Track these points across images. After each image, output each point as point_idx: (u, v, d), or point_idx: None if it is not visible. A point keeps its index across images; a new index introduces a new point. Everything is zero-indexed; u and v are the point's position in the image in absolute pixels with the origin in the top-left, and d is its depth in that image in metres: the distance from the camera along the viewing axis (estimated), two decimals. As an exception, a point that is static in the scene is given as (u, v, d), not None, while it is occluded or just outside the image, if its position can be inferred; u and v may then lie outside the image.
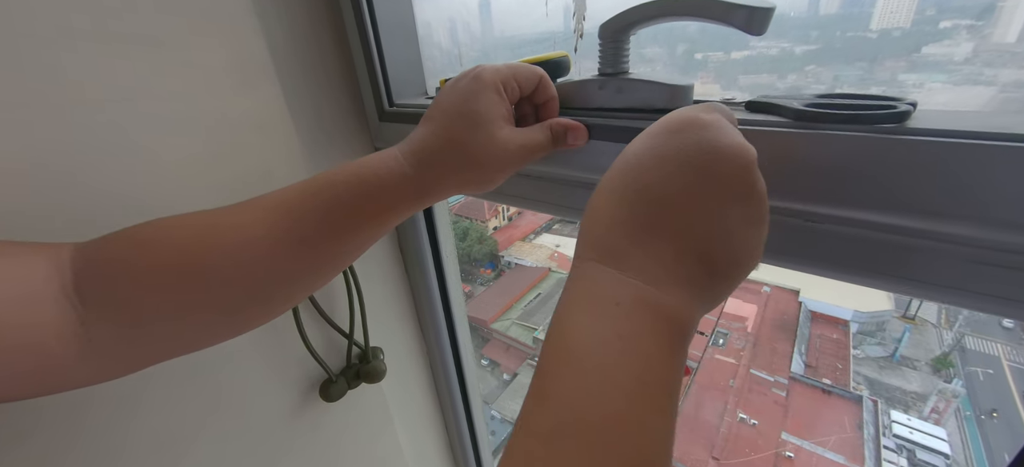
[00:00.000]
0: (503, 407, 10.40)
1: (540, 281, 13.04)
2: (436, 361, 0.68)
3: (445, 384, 0.69)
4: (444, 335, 0.64)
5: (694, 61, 0.41)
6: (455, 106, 0.27)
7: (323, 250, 0.26)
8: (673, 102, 0.27)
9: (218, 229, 0.25)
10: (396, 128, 0.45)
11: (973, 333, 10.91)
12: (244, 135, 0.39)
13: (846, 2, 1.29)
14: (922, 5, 3.16)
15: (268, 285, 0.26)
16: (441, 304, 0.62)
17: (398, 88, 0.44)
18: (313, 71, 0.44)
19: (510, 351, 11.57)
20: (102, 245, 0.24)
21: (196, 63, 0.35)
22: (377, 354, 0.53)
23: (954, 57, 2.35)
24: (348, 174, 0.26)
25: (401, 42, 0.43)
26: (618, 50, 0.28)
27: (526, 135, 0.28)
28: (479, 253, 14.40)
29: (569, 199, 0.35)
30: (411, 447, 0.68)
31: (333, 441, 0.53)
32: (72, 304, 0.22)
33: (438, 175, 0.27)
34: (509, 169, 0.28)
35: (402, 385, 0.66)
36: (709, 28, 0.24)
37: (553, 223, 15.95)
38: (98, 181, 0.31)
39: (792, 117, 0.23)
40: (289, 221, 0.25)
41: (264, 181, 0.40)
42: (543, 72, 0.30)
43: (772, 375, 10.37)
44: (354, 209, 0.26)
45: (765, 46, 0.93)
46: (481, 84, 0.27)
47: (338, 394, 0.49)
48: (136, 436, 0.37)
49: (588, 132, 0.30)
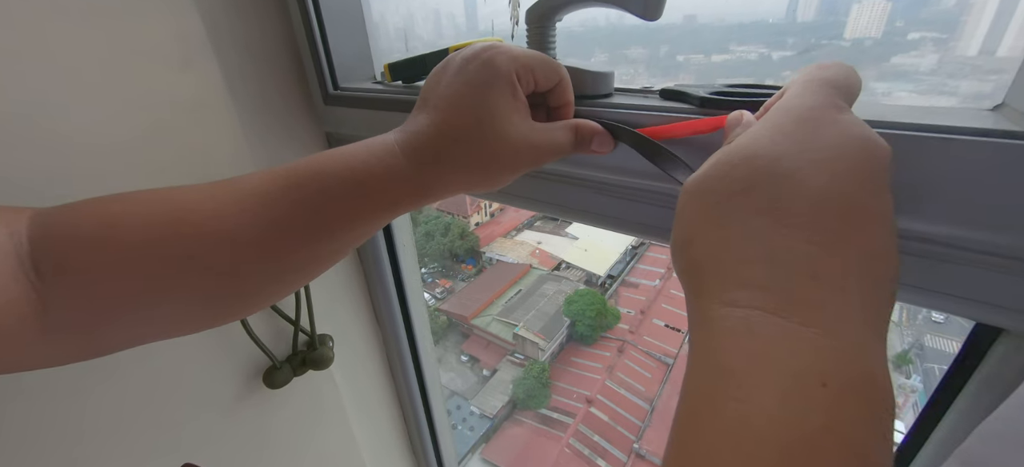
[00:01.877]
0: (483, 403, 10.42)
1: (521, 277, 13.09)
2: (392, 352, 0.67)
3: (402, 375, 0.69)
4: (399, 324, 0.64)
5: (676, 62, 0.41)
6: (461, 95, 0.23)
7: (308, 247, 0.23)
8: (597, 88, 0.28)
9: (195, 215, 0.22)
10: (342, 112, 0.44)
11: (932, 332, 11.47)
12: (179, 114, 0.37)
13: (822, 10, 1.33)
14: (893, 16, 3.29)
15: (247, 280, 0.24)
16: (396, 292, 0.61)
17: (343, 71, 0.44)
18: (254, 51, 0.43)
19: (490, 347, 11.59)
20: (65, 217, 0.21)
21: (128, 35, 0.34)
22: (325, 341, 0.52)
23: (920, 67, 2.46)
24: (338, 165, 0.23)
25: (346, 22, 0.43)
26: (544, 35, 0.29)
27: (545, 134, 0.24)
28: (460, 249, 14.35)
29: (561, 197, 0.34)
30: (366, 437, 0.67)
31: (279, 429, 0.53)
32: (30, 280, 0.20)
33: (439, 174, 0.23)
34: (522, 170, 0.25)
35: (356, 375, 0.65)
36: (691, 31, 0.24)
37: (535, 219, 16.01)
38: (13, 156, 0.30)
39: (697, 104, 0.24)
40: (270, 213, 0.22)
41: (202, 161, 0.39)
42: (565, 72, 0.26)
43: (744, 371, 10.67)
44: (345, 206, 0.23)
45: (744, 51, 0.96)
46: (494, 71, 0.23)
47: (282, 381, 0.49)
48: (65, 418, 0.35)
49: (614, 145, 0.26)
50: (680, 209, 0.18)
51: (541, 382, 10.52)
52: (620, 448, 9.78)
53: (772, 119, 0.17)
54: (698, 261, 0.16)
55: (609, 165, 0.28)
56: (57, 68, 0.31)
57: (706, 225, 0.16)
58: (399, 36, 0.55)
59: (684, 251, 0.17)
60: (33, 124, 0.30)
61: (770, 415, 0.12)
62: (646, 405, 10.27)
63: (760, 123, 0.17)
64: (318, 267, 0.25)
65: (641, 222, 0.31)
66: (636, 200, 0.30)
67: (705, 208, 0.16)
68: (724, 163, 0.16)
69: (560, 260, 13.92)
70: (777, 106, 0.17)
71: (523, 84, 0.24)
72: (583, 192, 0.33)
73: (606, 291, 12.86)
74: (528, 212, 8.17)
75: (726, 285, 0.15)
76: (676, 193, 0.28)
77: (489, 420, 10.17)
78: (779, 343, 0.13)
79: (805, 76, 0.18)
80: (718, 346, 0.14)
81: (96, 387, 0.37)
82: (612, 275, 13.51)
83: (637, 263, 14.22)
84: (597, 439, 9.93)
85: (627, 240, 14.64)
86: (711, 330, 0.14)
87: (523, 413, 10.49)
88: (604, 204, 0.32)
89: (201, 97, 0.39)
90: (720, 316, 0.14)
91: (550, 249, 14.37)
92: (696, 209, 0.17)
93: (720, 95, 0.23)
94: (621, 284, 13.36)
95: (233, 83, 0.41)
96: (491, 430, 10.14)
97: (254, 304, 0.26)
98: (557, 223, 15.68)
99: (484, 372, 11.22)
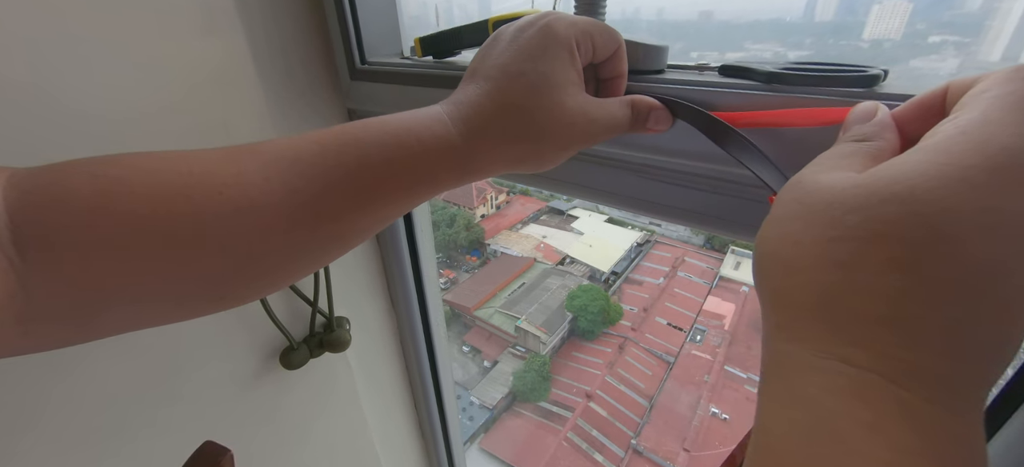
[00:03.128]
0: (483, 393, 10.48)
1: (525, 271, 13.09)
2: (406, 337, 0.66)
3: (415, 360, 0.68)
4: (415, 310, 0.63)
5: (689, 59, 0.39)
6: (517, 63, 0.22)
7: (342, 223, 0.21)
8: (648, 63, 0.27)
9: (211, 181, 0.19)
10: (369, 87, 0.43)
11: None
12: (202, 83, 0.36)
13: (842, 10, 1.29)
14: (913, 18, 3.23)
15: (267, 259, 0.20)
16: (413, 278, 0.60)
17: (371, 45, 0.42)
18: (281, 22, 0.42)
19: (492, 339, 11.63)
20: (52, 181, 0.17)
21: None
22: (342, 323, 0.51)
23: (941, 71, 2.44)
24: (382, 132, 0.21)
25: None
26: (594, 6, 0.27)
27: (603, 108, 0.23)
28: (465, 240, 14.37)
29: (585, 178, 0.32)
30: (377, 420, 0.67)
31: (295, 410, 0.52)
32: (7, 256, 0.16)
33: (490, 147, 0.22)
34: (576, 147, 0.23)
35: (370, 359, 0.64)
36: (707, 28, 0.22)
37: (540, 213, 15.98)
38: (24, 122, 0.29)
39: (763, 80, 0.22)
40: (302, 183, 0.20)
41: (222, 134, 0.38)
42: (622, 39, 0.24)
43: (746, 372, 10.65)
44: (388, 176, 0.21)
45: (759, 49, 0.94)
46: (552, 38, 0.22)
47: (299, 362, 0.48)
48: (87, 390, 0.35)
49: (672, 121, 0.25)
50: (782, 220, 0.15)
51: (541, 375, 10.56)
52: (618, 444, 9.82)
53: (949, 150, 0.12)
54: (801, 298, 0.13)
55: (660, 147, 0.27)
56: (71, 27, 0.29)
57: (820, 258, 0.13)
58: (427, 12, 0.53)
59: (783, 276, 0.14)
60: (46, 89, 0.29)
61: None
62: (645, 402, 10.28)
63: (929, 150, 0.13)
64: (344, 246, 0.23)
65: (689, 209, 0.29)
66: (685, 185, 0.29)
67: (824, 239, 0.13)
68: (870, 193, 0.13)
69: (565, 255, 13.90)
70: (959, 128, 0.13)
71: (582, 52, 0.23)
72: (620, 174, 0.31)
73: (610, 287, 12.85)
74: (534, 206, 8.18)
75: (838, 337, 0.12)
76: (728, 178, 0.27)
77: (488, 411, 10.24)
78: (895, 419, 0.11)
79: (1014, 89, 0.13)
80: (824, 403, 0.12)
81: (118, 359, 0.36)
82: (616, 272, 13.48)
83: (642, 260, 14.18)
84: (595, 434, 9.97)
85: (632, 237, 14.60)
86: (811, 380, 0.13)
87: (522, 405, 10.55)
88: (646, 188, 0.31)
89: (225, 66, 0.37)
90: (827, 369, 0.12)
91: (555, 243, 14.35)
92: (811, 234, 0.13)
93: (794, 70, 0.21)
94: (625, 281, 13.34)
95: (257, 53, 0.39)
96: (490, 421, 10.21)
97: (270, 285, 0.23)
98: (563, 217, 15.65)
99: (485, 363, 11.28)
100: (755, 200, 0.27)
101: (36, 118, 0.29)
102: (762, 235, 0.15)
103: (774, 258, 0.15)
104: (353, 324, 0.53)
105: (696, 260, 14.12)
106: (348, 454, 0.61)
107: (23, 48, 0.28)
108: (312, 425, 0.55)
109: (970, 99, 0.14)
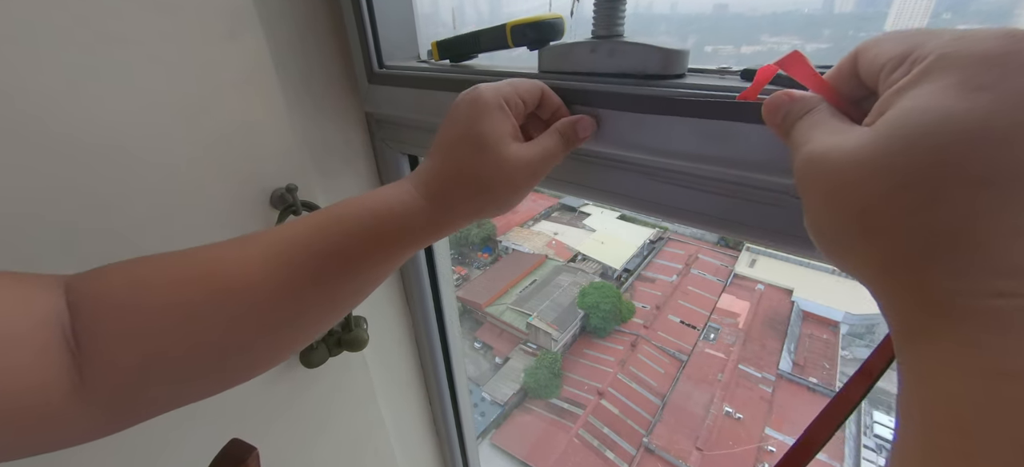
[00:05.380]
0: (494, 390, 10.54)
1: (536, 268, 13.09)
2: (421, 336, 0.67)
3: (430, 359, 0.69)
4: (430, 309, 0.63)
5: (704, 53, 0.39)
6: (458, 134, 0.26)
7: (336, 288, 0.25)
8: (667, 67, 0.26)
9: (222, 265, 0.23)
10: (387, 91, 0.43)
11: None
12: (225, 86, 0.37)
13: (861, 1, 1.25)
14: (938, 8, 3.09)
15: (277, 326, 0.24)
16: (428, 278, 0.61)
17: (389, 49, 0.43)
18: (300, 26, 0.42)
19: (503, 335, 11.67)
20: (94, 284, 0.22)
21: (174, 2, 0.33)
22: (360, 323, 0.52)
23: None
24: (359, 208, 0.25)
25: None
26: (613, 11, 0.27)
27: (536, 147, 0.27)
28: (476, 237, 14.41)
29: (599, 180, 0.33)
30: (394, 419, 0.68)
31: (314, 407, 0.53)
32: (71, 351, 0.20)
33: (453, 203, 0.26)
34: (524, 187, 0.27)
35: (386, 358, 0.65)
36: (721, 21, 0.22)
37: (552, 210, 15.93)
38: (60, 127, 0.30)
39: (783, 83, 0.22)
40: (300, 260, 0.23)
41: (245, 136, 0.39)
42: (543, 85, 0.29)
43: (760, 371, 10.51)
44: (368, 244, 0.24)
45: (776, 42, 0.92)
46: (481, 105, 0.26)
47: (319, 360, 0.49)
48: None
49: (595, 121, 0.28)
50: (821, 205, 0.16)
51: (553, 372, 10.57)
52: (630, 441, 9.78)
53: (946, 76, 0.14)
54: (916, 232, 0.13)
55: (665, 149, 0.27)
56: (96, 32, 0.30)
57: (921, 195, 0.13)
58: (437, 10, 0.53)
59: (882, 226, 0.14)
60: (72, 95, 0.30)
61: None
62: (658, 400, 10.21)
63: (932, 84, 0.14)
64: (340, 309, 0.26)
65: (700, 212, 0.29)
66: (698, 189, 0.29)
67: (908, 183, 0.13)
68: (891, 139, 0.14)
69: (576, 252, 13.85)
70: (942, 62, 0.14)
71: (512, 108, 0.27)
72: (633, 177, 0.31)
73: (622, 285, 12.77)
74: (545, 202, 8.15)
75: (991, 269, 0.12)
76: (739, 181, 0.27)
77: (500, 407, 10.29)
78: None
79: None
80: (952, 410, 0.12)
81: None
82: (628, 269, 13.38)
83: (654, 257, 14.05)
84: (607, 431, 9.95)
85: (645, 234, 14.47)
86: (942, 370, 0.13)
87: (533, 402, 10.57)
88: (658, 191, 0.31)
89: (247, 70, 0.38)
90: (996, 308, 0.12)
91: (566, 240, 14.30)
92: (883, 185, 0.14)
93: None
94: (637, 278, 13.24)
95: (277, 58, 0.40)
96: (501, 417, 10.26)
97: (288, 346, 0.26)
98: (574, 214, 15.59)
99: (496, 359, 11.33)
100: (766, 203, 0.26)
101: (73, 119, 0.30)
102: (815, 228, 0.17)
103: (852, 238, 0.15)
104: (370, 324, 0.54)
105: (710, 257, 13.94)
106: (366, 450, 0.62)
107: (58, 53, 0.29)
108: (331, 421, 0.56)
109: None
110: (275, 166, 0.41)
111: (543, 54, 0.31)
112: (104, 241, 0.33)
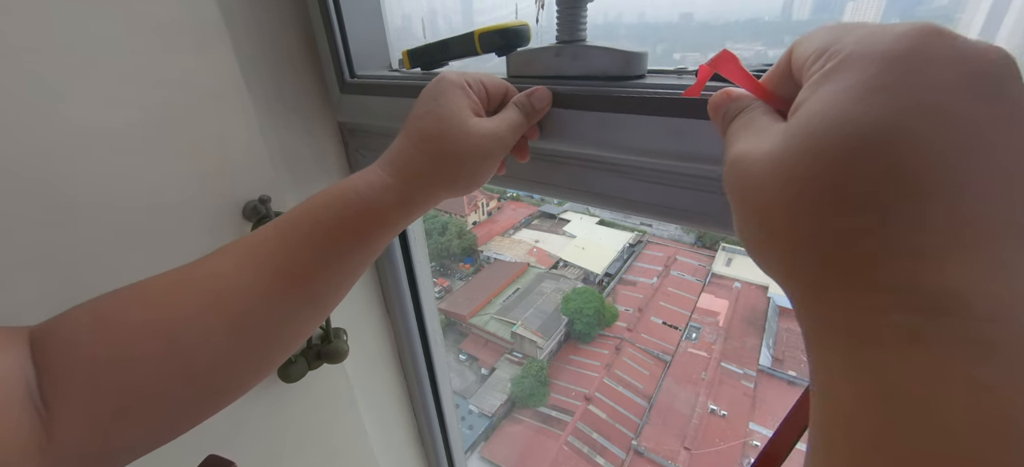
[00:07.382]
0: (482, 401, 10.42)
1: (519, 276, 13.09)
2: (403, 346, 0.67)
3: (413, 370, 0.69)
4: (411, 317, 0.63)
5: (672, 60, 0.41)
6: (423, 111, 0.27)
7: (312, 283, 0.24)
8: (627, 68, 0.28)
9: (195, 283, 0.22)
10: (359, 100, 0.44)
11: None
12: (194, 99, 0.37)
13: (817, 8, 1.33)
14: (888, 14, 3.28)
15: (258, 334, 0.23)
16: (408, 287, 0.61)
17: (360, 59, 0.43)
18: (270, 37, 0.43)
19: (488, 346, 11.58)
20: (63, 328, 0.20)
21: (141, 13, 0.33)
22: (339, 334, 0.52)
23: None
24: (328, 197, 0.25)
25: (363, 9, 0.42)
26: (576, 17, 0.28)
27: (497, 118, 0.28)
28: (458, 248, 14.33)
29: (570, 179, 0.35)
30: (378, 431, 0.67)
31: (293, 421, 0.52)
32: (37, 410, 0.19)
33: (420, 179, 0.26)
34: (490, 158, 0.27)
35: (367, 369, 0.65)
36: (686, 31, 0.23)
37: (532, 218, 16.01)
38: (17, 138, 0.29)
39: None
40: (273, 260, 0.23)
41: (217, 148, 0.38)
42: (509, 84, 0.30)
43: (742, 368, 10.74)
44: (339, 232, 0.24)
45: (741, 49, 0.96)
46: (446, 82, 0.27)
47: (298, 374, 0.48)
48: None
49: (550, 93, 0.30)
50: (760, 193, 0.15)
51: (540, 380, 10.53)
52: (619, 445, 9.81)
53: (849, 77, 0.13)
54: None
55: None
56: (63, 42, 0.30)
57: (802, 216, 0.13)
58: (409, 23, 0.54)
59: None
60: (38, 105, 0.29)
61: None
62: (644, 403, 10.30)
63: (833, 86, 0.14)
64: (321, 305, 0.26)
65: (672, 206, 0.30)
66: (667, 184, 0.30)
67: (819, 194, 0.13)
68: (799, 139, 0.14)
69: (558, 258, 13.93)
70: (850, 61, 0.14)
71: (475, 90, 0.28)
72: (607, 176, 0.33)
73: (604, 289, 12.88)
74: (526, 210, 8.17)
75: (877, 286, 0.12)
76: (706, 175, 0.28)
77: (488, 419, 10.17)
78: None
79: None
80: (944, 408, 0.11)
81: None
82: (610, 273, 13.53)
83: (634, 261, 14.26)
84: (596, 437, 9.95)
85: (624, 238, 14.68)
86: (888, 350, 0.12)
87: (522, 411, 10.50)
88: (628, 188, 0.32)
89: (216, 82, 0.38)
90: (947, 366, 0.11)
91: (548, 247, 14.38)
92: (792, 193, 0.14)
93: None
94: (619, 282, 13.39)
95: (247, 70, 0.40)
96: (490, 429, 10.14)
97: (265, 360, 0.25)
98: (554, 221, 15.69)
99: (482, 371, 11.22)
100: (724, 194, 0.28)
101: (46, 129, 0.29)
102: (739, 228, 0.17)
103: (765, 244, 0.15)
104: (350, 335, 0.53)
105: (688, 258, 14.23)
106: (348, 464, 0.61)
107: (24, 64, 0.28)
108: (312, 437, 0.55)
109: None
110: (247, 177, 0.40)
111: (511, 59, 0.33)
112: (72, 261, 0.32)
